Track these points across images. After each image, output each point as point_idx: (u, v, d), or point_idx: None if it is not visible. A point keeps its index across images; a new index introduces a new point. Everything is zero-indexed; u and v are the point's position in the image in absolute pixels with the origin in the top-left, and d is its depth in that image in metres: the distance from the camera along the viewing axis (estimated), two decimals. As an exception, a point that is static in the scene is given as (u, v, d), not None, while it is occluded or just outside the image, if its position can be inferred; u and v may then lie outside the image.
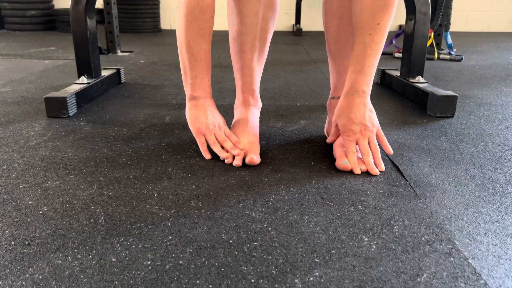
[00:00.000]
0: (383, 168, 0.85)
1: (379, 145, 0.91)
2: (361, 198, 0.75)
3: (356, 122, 0.86)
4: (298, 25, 3.84)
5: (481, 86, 1.66)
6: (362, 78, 0.86)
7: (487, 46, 2.93)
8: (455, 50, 2.47)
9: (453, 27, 2.98)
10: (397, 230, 0.65)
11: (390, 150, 0.89)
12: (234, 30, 0.96)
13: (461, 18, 4.11)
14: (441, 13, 2.19)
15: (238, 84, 1.03)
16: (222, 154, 0.90)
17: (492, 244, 0.61)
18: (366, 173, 0.85)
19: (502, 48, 2.83)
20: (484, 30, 4.15)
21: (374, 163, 0.86)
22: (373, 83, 0.90)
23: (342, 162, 0.86)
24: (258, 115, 1.06)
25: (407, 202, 0.73)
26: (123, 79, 1.69)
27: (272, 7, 0.94)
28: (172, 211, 0.70)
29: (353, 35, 0.87)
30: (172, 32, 3.82)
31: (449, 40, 2.37)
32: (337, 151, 0.90)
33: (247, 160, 0.87)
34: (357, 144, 0.87)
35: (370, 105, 0.88)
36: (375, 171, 0.84)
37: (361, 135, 0.87)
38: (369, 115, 0.88)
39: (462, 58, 2.29)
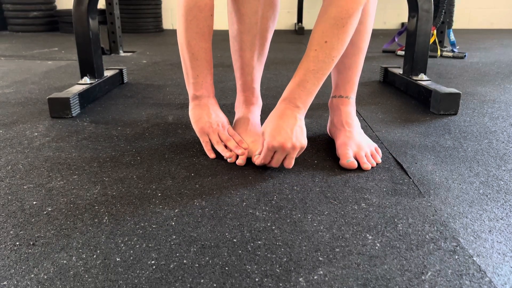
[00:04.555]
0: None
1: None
2: (365, 196, 0.75)
3: (283, 134, 0.79)
4: (300, 23, 3.83)
5: (485, 83, 1.66)
6: (298, 92, 0.81)
7: (490, 43, 2.91)
8: (458, 47, 2.47)
9: (456, 25, 2.97)
10: (401, 228, 0.65)
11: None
12: (234, 29, 0.96)
13: (464, 15, 4.09)
14: (443, 11, 2.18)
15: (239, 83, 1.04)
16: (225, 154, 0.90)
17: (497, 241, 0.61)
18: (370, 171, 0.85)
19: (506, 45, 2.82)
20: (487, 27, 4.14)
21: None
22: (376, 81, 0.89)
23: (347, 160, 0.86)
24: (259, 113, 1.06)
25: (411, 200, 0.73)
26: (125, 79, 1.69)
27: (273, 6, 0.94)
28: (176, 210, 0.70)
29: None
30: (174, 32, 3.82)
31: (452, 37, 2.37)
32: (341, 150, 0.90)
33: (253, 159, 0.87)
34: (273, 156, 0.83)
35: (301, 122, 0.82)
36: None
37: (282, 150, 0.80)
38: (298, 132, 0.81)
39: (465, 56, 2.28)
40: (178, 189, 0.77)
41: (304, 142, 0.81)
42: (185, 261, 0.57)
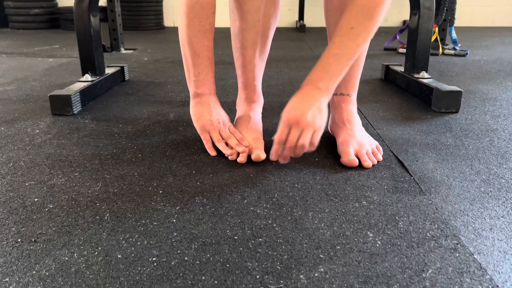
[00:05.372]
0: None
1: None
2: (366, 194, 0.75)
3: (299, 110, 0.79)
4: (301, 21, 3.83)
5: (486, 81, 1.65)
6: (320, 74, 0.81)
7: (492, 41, 2.91)
8: (459, 45, 2.46)
9: (457, 22, 2.96)
10: (402, 226, 0.65)
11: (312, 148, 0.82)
12: (236, 26, 0.96)
13: (466, 13, 4.08)
14: (445, 8, 2.17)
15: (240, 81, 1.03)
16: (226, 151, 0.90)
17: (498, 239, 0.61)
18: (371, 169, 0.85)
19: (507, 43, 2.81)
20: (488, 25, 4.13)
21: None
22: (377, 78, 0.89)
23: (348, 158, 0.86)
24: (261, 111, 1.06)
25: (412, 198, 0.73)
26: (127, 77, 1.69)
27: (274, 3, 0.94)
28: (177, 207, 0.70)
29: None
30: (175, 30, 3.81)
31: (454, 35, 2.36)
32: (342, 148, 0.90)
33: (253, 157, 0.88)
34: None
35: (321, 104, 0.81)
36: (281, 160, 0.81)
37: (296, 125, 0.79)
38: (315, 112, 0.80)
39: (466, 53, 2.28)
40: (179, 187, 0.78)
41: (320, 123, 0.80)
42: (186, 258, 0.57)
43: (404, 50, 2.35)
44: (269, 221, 0.66)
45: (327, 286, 0.52)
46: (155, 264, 0.56)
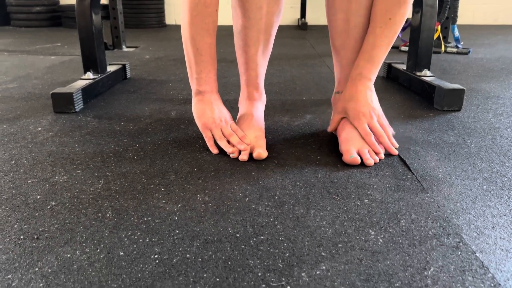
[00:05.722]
0: (397, 145, 0.91)
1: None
2: (368, 192, 0.75)
3: (365, 104, 0.91)
4: (303, 19, 3.82)
5: (489, 79, 1.65)
6: (369, 66, 0.91)
7: (494, 39, 2.90)
8: (462, 43, 2.45)
9: (460, 20, 2.95)
10: (404, 224, 0.65)
11: (392, 131, 0.94)
12: (238, 24, 0.96)
13: (468, 11, 4.06)
14: (448, 6, 2.17)
15: (243, 79, 1.03)
16: (228, 149, 0.90)
17: (500, 237, 0.61)
18: (373, 167, 0.85)
19: (510, 41, 2.80)
20: (491, 23, 4.11)
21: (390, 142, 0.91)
22: (379, 76, 0.92)
23: (350, 156, 0.86)
24: (263, 109, 1.06)
25: (414, 196, 0.73)
26: (128, 75, 1.69)
27: (277, 1, 0.94)
28: (179, 205, 0.70)
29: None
30: (177, 27, 3.81)
31: (456, 33, 2.35)
32: (344, 146, 0.90)
33: (254, 155, 0.88)
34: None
35: (374, 92, 0.94)
36: (394, 151, 0.89)
37: (371, 118, 0.90)
38: (375, 100, 0.93)
39: (469, 51, 2.27)
40: (181, 184, 0.78)
41: (376, 105, 0.92)
42: (188, 255, 0.57)
43: (406, 48, 2.35)
44: (271, 219, 0.66)
45: (329, 284, 0.52)
46: (157, 261, 0.56)
